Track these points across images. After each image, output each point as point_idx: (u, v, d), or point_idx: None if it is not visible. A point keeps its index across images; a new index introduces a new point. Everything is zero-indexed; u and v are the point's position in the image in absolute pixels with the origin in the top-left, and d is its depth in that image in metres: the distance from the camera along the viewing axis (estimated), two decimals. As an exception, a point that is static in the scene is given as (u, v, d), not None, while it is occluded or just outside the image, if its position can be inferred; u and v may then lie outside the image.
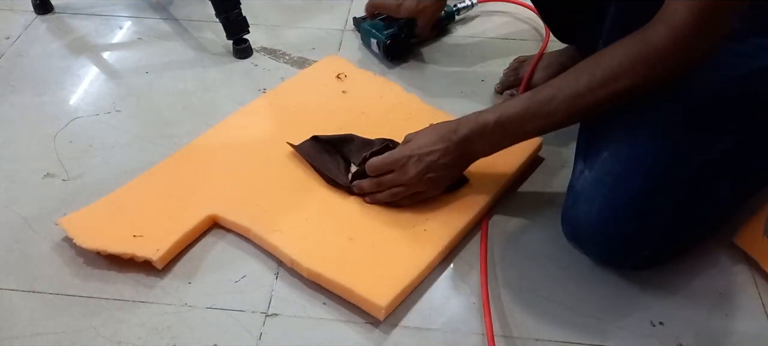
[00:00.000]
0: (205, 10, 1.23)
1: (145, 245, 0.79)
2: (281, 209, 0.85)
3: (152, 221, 0.83)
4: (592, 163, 0.76)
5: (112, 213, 0.84)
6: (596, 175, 0.74)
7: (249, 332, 0.73)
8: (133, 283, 0.78)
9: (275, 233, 0.81)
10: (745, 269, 0.81)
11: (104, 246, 0.79)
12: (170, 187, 0.88)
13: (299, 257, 0.78)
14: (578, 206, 0.75)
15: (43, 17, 1.27)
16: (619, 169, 0.73)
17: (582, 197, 0.75)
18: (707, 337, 0.74)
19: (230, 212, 0.84)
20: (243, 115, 1.01)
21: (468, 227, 0.85)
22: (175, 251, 0.80)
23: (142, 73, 1.14)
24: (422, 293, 0.78)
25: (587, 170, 0.76)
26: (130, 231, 0.81)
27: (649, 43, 0.67)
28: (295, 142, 0.91)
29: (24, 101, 1.06)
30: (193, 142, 0.95)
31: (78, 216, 0.83)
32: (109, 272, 0.79)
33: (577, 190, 0.77)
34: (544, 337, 0.74)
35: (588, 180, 0.75)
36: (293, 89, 1.07)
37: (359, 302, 0.75)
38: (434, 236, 0.82)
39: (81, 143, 0.98)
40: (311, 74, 1.10)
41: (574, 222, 0.77)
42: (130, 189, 0.88)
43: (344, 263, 0.78)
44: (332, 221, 0.84)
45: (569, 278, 0.80)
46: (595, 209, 0.73)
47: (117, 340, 0.72)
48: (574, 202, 0.76)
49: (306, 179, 0.90)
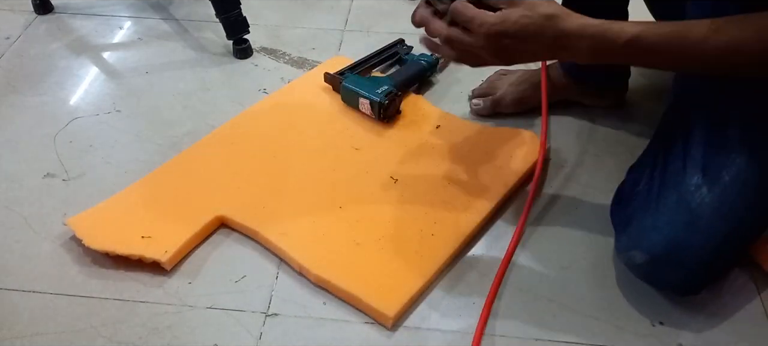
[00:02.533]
0: (205, 10, 1.24)
1: (153, 247, 0.79)
2: (288, 211, 0.85)
3: (160, 222, 0.83)
4: (713, 181, 0.69)
5: (120, 214, 0.84)
6: (717, 201, 0.69)
7: (249, 332, 0.73)
8: (133, 283, 0.78)
9: (283, 237, 0.81)
10: (745, 270, 0.81)
11: (113, 247, 0.79)
12: (177, 187, 0.88)
13: (308, 263, 0.78)
14: (693, 228, 0.69)
15: (43, 17, 1.27)
16: (740, 204, 0.69)
17: (702, 221, 0.69)
18: (707, 337, 0.74)
19: (238, 213, 0.84)
20: (247, 116, 1.01)
21: (475, 232, 0.84)
22: (183, 252, 0.80)
23: (142, 73, 1.14)
24: (422, 293, 0.78)
25: (705, 188, 0.69)
26: (138, 232, 0.81)
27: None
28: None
29: (24, 101, 1.06)
30: (198, 142, 0.96)
31: (85, 216, 0.83)
32: (109, 271, 0.79)
33: (693, 208, 0.69)
34: (544, 337, 0.74)
35: (708, 202, 0.69)
36: (298, 90, 1.07)
37: (367, 311, 0.75)
38: (442, 242, 0.81)
39: (81, 143, 0.98)
40: (316, 75, 1.09)
41: (668, 239, 0.70)
42: (136, 189, 0.88)
43: (352, 270, 0.78)
44: (339, 223, 0.84)
45: (569, 278, 0.80)
46: (713, 241, 0.69)
47: (117, 340, 0.72)
48: (689, 222, 0.69)
49: (312, 181, 0.90)
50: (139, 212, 0.84)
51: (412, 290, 0.76)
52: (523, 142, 0.95)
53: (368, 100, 0.98)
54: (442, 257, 0.80)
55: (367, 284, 0.76)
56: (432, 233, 0.82)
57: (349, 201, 0.87)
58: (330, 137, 0.97)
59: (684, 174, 0.71)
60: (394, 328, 0.74)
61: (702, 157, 0.71)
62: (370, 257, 0.80)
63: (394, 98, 0.98)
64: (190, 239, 0.81)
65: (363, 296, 0.75)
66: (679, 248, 0.70)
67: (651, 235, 0.71)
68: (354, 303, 0.76)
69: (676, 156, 0.74)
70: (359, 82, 1.01)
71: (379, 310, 0.74)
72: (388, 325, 0.74)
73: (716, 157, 0.70)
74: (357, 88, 1.00)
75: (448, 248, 0.81)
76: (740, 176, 0.69)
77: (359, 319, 0.75)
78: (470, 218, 0.84)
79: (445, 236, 0.82)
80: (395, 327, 0.74)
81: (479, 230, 0.85)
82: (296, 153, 0.94)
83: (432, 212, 0.85)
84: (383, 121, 0.98)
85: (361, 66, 1.08)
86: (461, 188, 0.89)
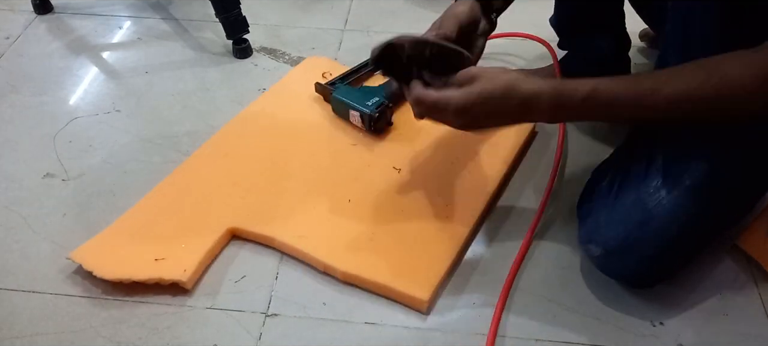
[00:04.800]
0: (205, 10, 1.23)
1: (170, 268, 0.77)
2: (299, 212, 0.85)
3: (171, 242, 0.81)
4: (673, 185, 0.71)
5: (126, 239, 0.81)
6: (673, 205, 0.71)
7: (249, 332, 0.73)
8: (133, 283, 0.78)
9: (302, 240, 0.81)
10: (745, 270, 0.81)
11: (128, 275, 0.76)
12: (180, 204, 0.86)
13: (333, 261, 0.78)
14: (646, 228, 0.72)
15: (43, 17, 1.27)
16: (695, 210, 0.71)
17: (655, 222, 0.71)
18: (707, 337, 0.74)
19: (249, 222, 0.83)
20: (237, 124, 1.00)
21: (487, 209, 0.87)
22: (201, 269, 0.79)
23: (142, 73, 1.14)
24: (449, 275, 0.79)
25: (664, 190, 0.72)
26: (150, 255, 0.78)
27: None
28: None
29: (24, 101, 1.06)
30: (192, 155, 0.94)
31: (90, 247, 0.80)
32: (109, 272, 0.79)
33: (649, 209, 0.72)
34: (544, 337, 0.74)
35: (665, 204, 0.71)
36: (282, 93, 1.07)
37: (400, 299, 0.76)
38: (458, 222, 0.84)
39: (81, 143, 0.98)
40: (296, 77, 1.10)
41: (622, 234, 0.73)
42: (138, 211, 0.85)
43: (378, 262, 0.79)
44: (353, 218, 0.84)
45: (569, 278, 0.80)
46: (665, 242, 0.72)
47: (117, 340, 0.72)
48: (643, 221, 0.72)
49: (315, 179, 0.90)
50: (146, 235, 0.82)
51: (441, 272, 0.78)
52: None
53: (358, 113, 0.95)
54: (461, 237, 0.82)
55: (397, 273, 0.77)
56: (446, 215, 0.84)
57: (357, 195, 0.87)
58: (325, 135, 0.98)
59: (645, 176, 0.74)
60: (393, 327, 0.74)
61: (664, 162, 0.73)
62: (393, 247, 0.81)
63: (385, 110, 0.96)
64: (206, 254, 0.79)
65: (395, 284, 0.76)
66: (631, 244, 0.73)
67: (605, 230, 0.75)
68: (385, 293, 0.77)
69: (639, 158, 0.76)
70: (350, 93, 0.99)
71: (413, 295, 0.75)
72: (423, 309, 0.75)
73: (678, 163, 0.72)
74: (347, 99, 0.97)
75: (464, 228, 0.83)
76: (699, 183, 0.70)
77: (359, 319, 0.75)
78: (480, 196, 0.87)
79: (460, 217, 0.84)
80: (391, 325, 0.74)
81: (490, 205, 0.88)
82: (294, 154, 0.94)
83: (442, 196, 0.87)
84: (374, 133, 0.96)
85: (352, 75, 1.06)
86: (465, 168, 0.91)
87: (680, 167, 0.72)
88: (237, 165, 0.92)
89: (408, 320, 0.75)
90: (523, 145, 0.96)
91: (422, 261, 0.79)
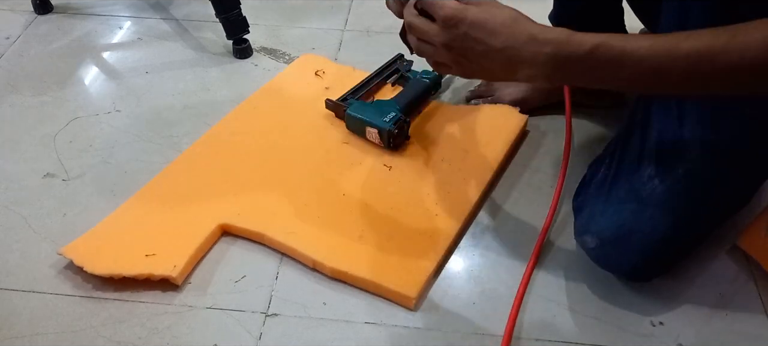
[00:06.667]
0: (205, 10, 1.24)
1: (160, 263, 0.77)
2: (290, 209, 0.85)
3: (161, 237, 0.81)
4: (666, 173, 0.71)
5: (117, 234, 0.82)
6: (667, 193, 0.71)
7: (249, 332, 0.73)
8: (133, 283, 0.78)
9: (291, 236, 0.81)
10: (745, 269, 0.81)
11: (118, 270, 0.76)
12: (171, 200, 0.86)
13: (322, 257, 0.79)
14: (640, 217, 0.72)
15: (43, 17, 1.27)
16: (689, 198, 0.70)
17: (649, 210, 0.71)
18: (707, 337, 0.74)
19: (239, 218, 0.84)
20: (229, 121, 1.00)
21: (476, 207, 0.87)
22: (191, 265, 0.79)
23: (142, 73, 1.14)
24: (438, 272, 0.79)
25: (658, 179, 0.72)
26: (140, 251, 0.79)
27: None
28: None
29: (24, 101, 1.06)
30: (183, 152, 0.94)
31: (81, 242, 0.80)
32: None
33: (643, 198, 0.72)
34: (544, 337, 0.74)
35: (659, 193, 0.71)
36: (276, 91, 1.07)
37: (388, 296, 0.76)
38: (447, 220, 0.84)
39: (81, 143, 0.98)
40: (290, 75, 1.10)
41: (616, 223, 0.73)
42: (130, 207, 0.85)
43: (367, 258, 0.79)
44: (343, 215, 0.85)
45: (569, 278, 0.80)
46: (660, 232, 0.71)
47: (117, 340, 0.72)
48: (637, 210, 0.72)
49: (307, 177, 0.90)
50: (137, 231, 0.82)
51: (429, 269, 0.78)
52: (502, 114, 1.00)
53: (376, 129, 0.93)
54: (450, 235, 0.82)
55: (385, 270, 0.77)
56: (436, 213, 0.85)
57: (348, 193, 0.88)
58: (316, 133, 0.98)
59: (638, 166, 0.74)
60: (393, 327, 0.74)
61: (657, 152, 0.73)
62: (382, 244, 0.81)
63: (403, 125, 0.93)
64: (196, 250, 0.80)
65: (383, 281, 0.76)
66: (626, 234, 0.72)
67: (600, 220, 0.75)
68: (373, 290, 0.77)
69: (632, 149, 0.76)
70: (364, 108, 0.96)
71: (401, 292, 0.75)
72: (410, 306, 0.75)
73: (671, 153, 0.72)
74: (363, 116, 0.94)
75: (454, 225, 0.83)
76: (692, 172, 0.70)
77: (359, 319, 0.75)
78: (470, 193, 0.87)
79: (450, 214, 0.85)
80: (391, 325, 0.74)
81: (480, 203, 0.88)
82: (285, 152, 0.94)
83: (432, 193, 0.87)
84: (392, 149, 0.94)
85: (362, 89, 1.03)
86: (455, 166, 0.92)
87: (673, 156, 0.71)
88: (228, 162, 0.93)
89: (408, 320, 0.75)
90: (514, 144, 0.96)
91: (411, 259, 0.79)
